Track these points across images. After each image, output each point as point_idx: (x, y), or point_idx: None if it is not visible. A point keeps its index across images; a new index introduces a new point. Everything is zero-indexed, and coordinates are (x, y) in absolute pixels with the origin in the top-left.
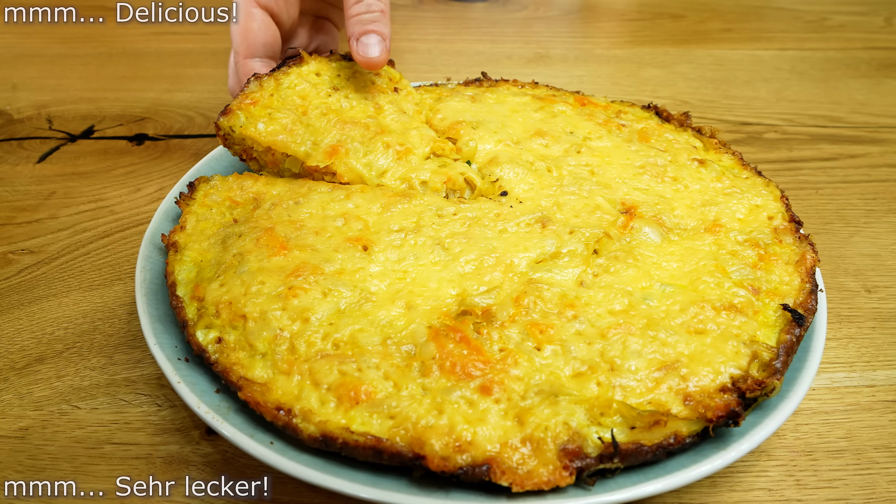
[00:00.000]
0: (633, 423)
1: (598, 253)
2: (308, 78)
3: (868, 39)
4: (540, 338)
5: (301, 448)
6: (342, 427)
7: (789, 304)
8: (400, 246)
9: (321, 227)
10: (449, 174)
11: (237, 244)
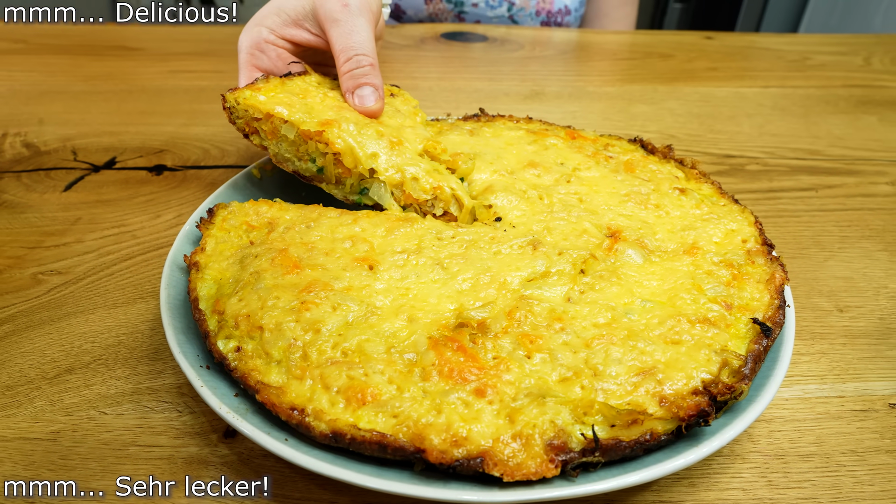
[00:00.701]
0: (613, 421)
1: (584, 272)
2: (310, 83)
3: (847, 78)
4: (530, 347)
5: (313, 444)
6: (350, 424)
7: (759, 317)
8: (403, 265)
9: (331, 249)
10: (440, 184)
11: (254, 263)
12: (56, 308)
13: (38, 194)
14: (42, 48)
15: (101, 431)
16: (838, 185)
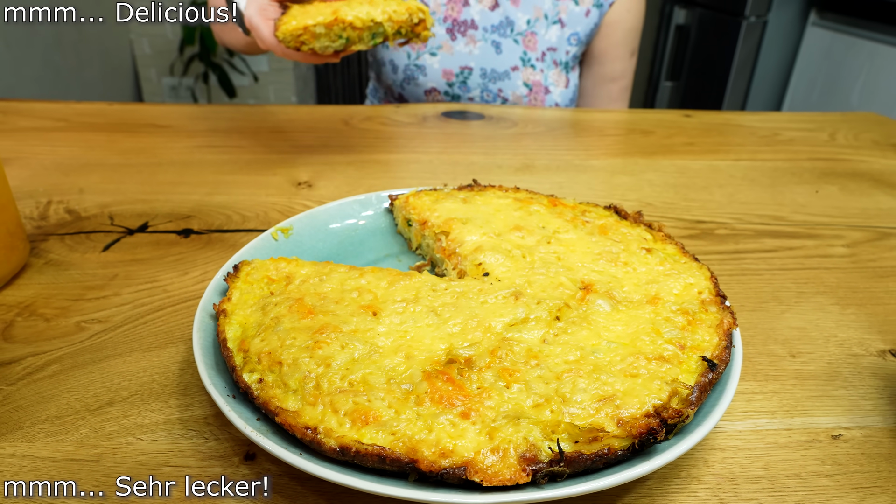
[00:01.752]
0: (576, 438)
1: (559, 318)
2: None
3: (813, 152)
4: (509, 379)
5: (323, 459)
6: (355, 440)
7: (707, 355)
8: (402, 312)
9: (340, 298)
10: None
11: (274, 310)
12: (97, 351)
13: (80, 254)
14: (82, 126)
15: (138, 454)
16: (798, 247)
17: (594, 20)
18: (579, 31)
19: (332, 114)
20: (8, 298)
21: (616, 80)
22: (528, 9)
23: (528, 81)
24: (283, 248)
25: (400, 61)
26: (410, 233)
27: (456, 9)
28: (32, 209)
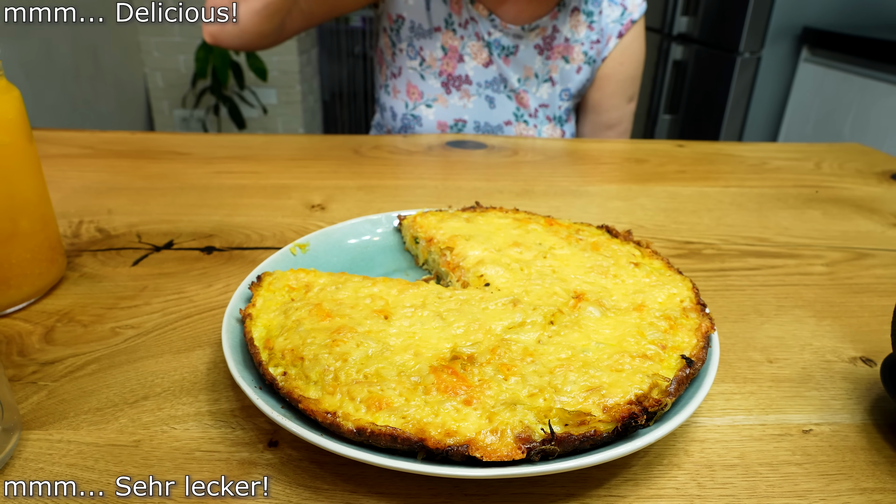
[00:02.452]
0: (566, 421)
1: (553, 323)
2: None
3: (798, 179)
4: (507, 373)
5: (342, 440)
6: (370, 423)
7: (686, 354)
8: (411, 316)
9: (355, 304)
10: None
11: (295, 314)
12: (131, 353)
13: (111, 268)
14: (107, 153)
15: (172, 441)
16: (780, 266)
17: (586, 76)
18: (570, 87)
19: (343, 143)
20: (48, 307)
21: (613, 127)
22: (518, 68)
23: (521, 136)
24: (300, 262)
25: (398, 109)
26: (418, 249)
27: (451, 64)
28: (66, 228)
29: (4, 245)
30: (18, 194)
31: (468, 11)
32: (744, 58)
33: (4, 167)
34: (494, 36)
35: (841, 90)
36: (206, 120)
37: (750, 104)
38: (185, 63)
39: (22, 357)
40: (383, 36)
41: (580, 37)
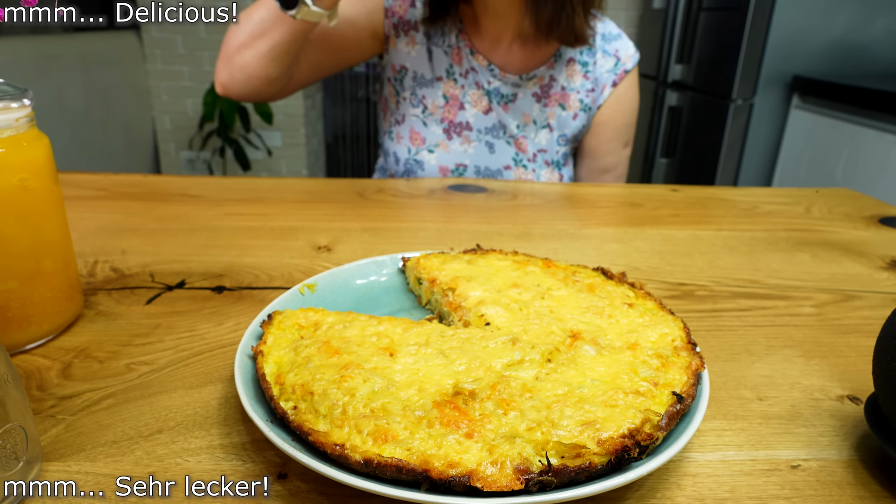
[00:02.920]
0: (563, 454)
1: (550, 360)
2: None
3: (789, 223)
4: (506, 408)
5: (349, 471)
6: (376, 454)
7: (677, 391)
8: (415, 354)
9: (362, 341)
10: None
11: (305, 351)
12: (146, 388)
13: (126, 306)
14: (120, 195)
15: (184, 473)
16: (771, 307)
17: (582, 122)
18: (567, 133)
19: (348, 186)
20: (66, 343)
21: (610, 171)
22: (517, 115)
23: (519, 180)
24: (308, 302)
25: (401, 154)
26: (421, 290)
27: (452, 111)
28: (82, 267)
29: (28, 284)
30: (43, 235)
31: (468, 62)
32: (737, 104)
33: (32, 210)
34: (494, 85)
35: (831, 136)
36: (212, 161)
37: (744, 149)
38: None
39: (41, 391)
40: (387, 85)
41: (576, 85)
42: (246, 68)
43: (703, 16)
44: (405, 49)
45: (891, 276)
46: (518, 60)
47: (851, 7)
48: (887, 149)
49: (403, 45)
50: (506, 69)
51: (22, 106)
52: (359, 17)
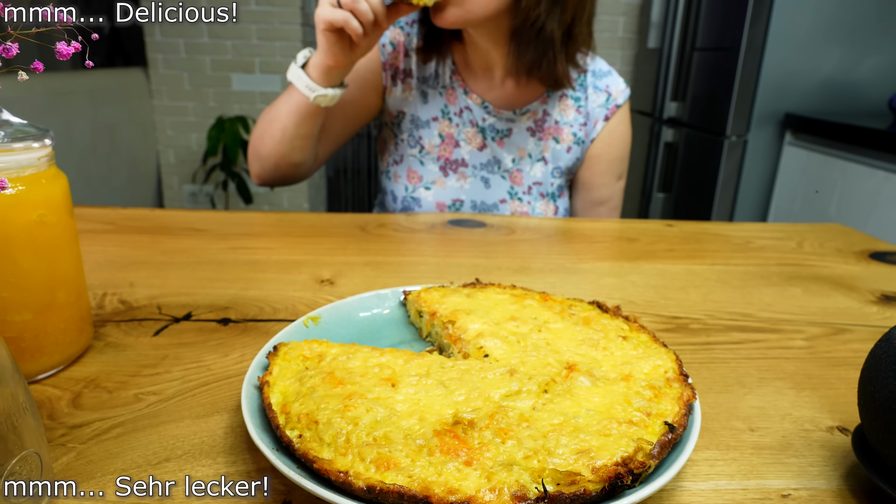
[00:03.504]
0: (558, 481)
1: (547, 391)
2: None
3: (781, 258)
4: (504, 437)
5: (353, 498)
6: (379, 481)
7: (669, 420)
8: (416, 384)
9: (364, 372)
10: None
11: (309, 381)
12: (154, 418)
13: (134, 338)
14: (128, 229)
15: (193, 500)
16: (763, 340)
17: (576, 155)
18: (561, 165)
19: (350, 221)
20: (76, 373)
21: (604, 203)
22: (512, 149)
23: (516, 213)
24: (313, 334)
25: (399, 193)
26: (421, 323)
27: (448, 149)
28: (91, 299)
29: (42, 315)
30: (59, 269)
31: (462, 101)
32: (731, 141)
33: (49, 244)
34: (489, 121)
35: (824, 172)
36: (215, 195)
37: (739, 184)
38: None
39: (52, 421)
40: (385, 129)
41: (569, 119)
42: (271, 157)
43: (697, 55)
44: (401, 95)
45: (880, 310)
46: (511, 96)
47: (840, 48)
48: (879, 184)
49: (400, 92)
50: (500, 105)
51: (43, 146)
52: (363, 80)
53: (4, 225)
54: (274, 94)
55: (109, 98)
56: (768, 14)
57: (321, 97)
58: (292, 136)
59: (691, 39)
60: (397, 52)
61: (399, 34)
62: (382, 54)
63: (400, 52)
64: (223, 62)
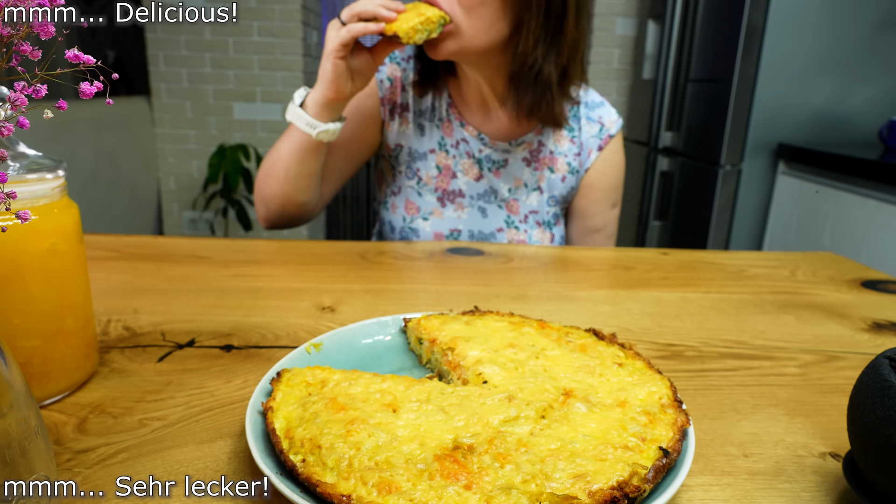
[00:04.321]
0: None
1: (544, 417)
2: None
3: (774, 286)
4: (503, 461)
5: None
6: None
7: (663, 446)
8: (416, 410)
9: (366, 398)
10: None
11: (313, 407)
12: (158, 443)
13: (138, 364)
14: (131, 256)
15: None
16: (756, 367)
17: (571, 184)
18: (556, 194)
19: (350, 249)
20: (81, 399)
21: (599, 231)
22: (508, 179)
23: (513, 241)
24: (315, 360)
25: (396, 223)
26: (421, 350)
27: (445, 181)
28: (96, 326)
29: (50, 341)
30: (68, 296)
31: (459, 133)
32: (725, 170)
33: (59, 272)
34: (485, 153)
35: (817, 201)
36: (214, 221)
37: (734, 213)
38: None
39: (58, 446)
40: (383, 161)
41: (563, 149)
42: (276, 198)
43: (691, 86)
44: (399, 129)
45: (871, 338)
46: (506, 128)
47: (830, 80)
48: (871, 213)
49: (397, 125)
50: (496, 137)
51: (56, 177)
52: (363, 116)
53: (17, 253)
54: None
55: (112, 126)
56: (759, 47)
57: (323, 132)
58: (296, 175)
59: (685, 71)
60: (394, 87)
61: (396, 69)
62: (380, 89)
63: (397, 87)
64: (225, 91)
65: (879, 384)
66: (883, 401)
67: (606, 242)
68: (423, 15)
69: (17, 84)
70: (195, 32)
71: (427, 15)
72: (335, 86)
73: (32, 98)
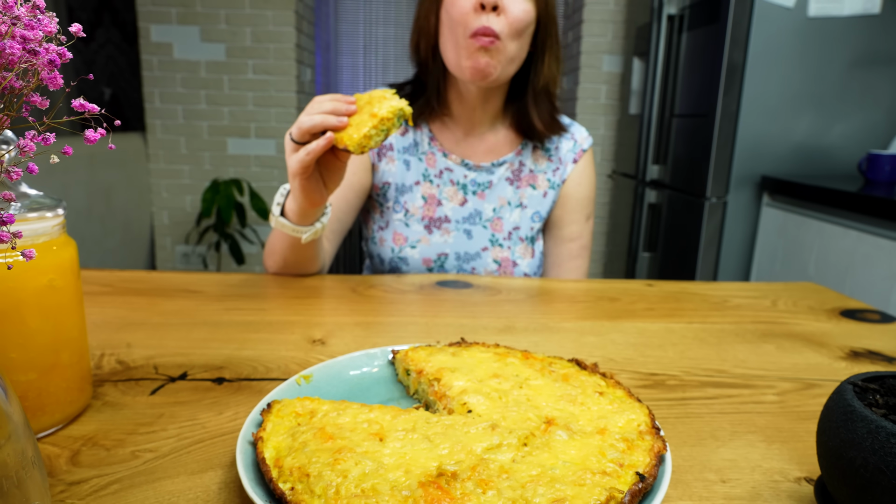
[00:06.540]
0: None
1: (526, 444)
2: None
3: (756, 316)
4: (485, 487)
5: None
6: None
7: (640, 471)
8: (403, 439)
9: (353, 428)
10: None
11: (301, 437)
12: (150, 474)
13: (131, 397)
14: (125, 290)
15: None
16: (736, 395)
17: (552, 198)
18: (540, 210)
19: (341, 282)
20: (74, 432)
21: (574, 240)
22: (493, 199)
23: (497, 258)
24: (304, 391)
25: (385, 255)
26: (409, 380)
27: (431, 209)
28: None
29: (46, 375)
30: (64, 330)
31: (442, 163)
32: (711, 202)
33: (56, 307)
34: (471, 177)
35: (801, 232)
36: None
37: (721, 243)
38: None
39: (51, 477)
40: (370, 200)
41: (542, 167)
42: (282, 272)
43: (676, 121)
44: (386, 168)
45: (848, 366)
46: (488, 149)
47: (810, 114)
48: (853, 244)
49: (384, 164)
50: (479, 160)
51: (56, 215)
52: (357, 166)
53: (17, 289)
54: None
55: (107, 162)
56: (740, 83)
57: (311, 234)
58: (295, 262)
59: (670, 106)
60: None
61: None
62: None
63: None
64: (220, 127)
65: (843, 409)
66: (846, 424)
67: (581, 253)
68: (376, 116)
69: (27, 133)
70: (191, 70)
71: (381, 115)
72: (310, 199)
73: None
